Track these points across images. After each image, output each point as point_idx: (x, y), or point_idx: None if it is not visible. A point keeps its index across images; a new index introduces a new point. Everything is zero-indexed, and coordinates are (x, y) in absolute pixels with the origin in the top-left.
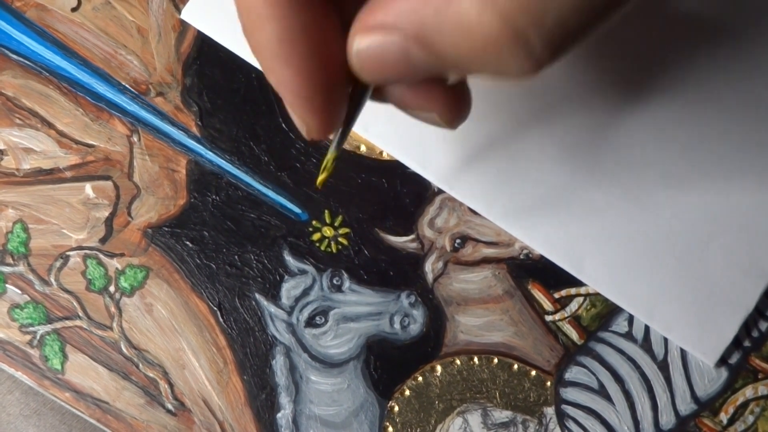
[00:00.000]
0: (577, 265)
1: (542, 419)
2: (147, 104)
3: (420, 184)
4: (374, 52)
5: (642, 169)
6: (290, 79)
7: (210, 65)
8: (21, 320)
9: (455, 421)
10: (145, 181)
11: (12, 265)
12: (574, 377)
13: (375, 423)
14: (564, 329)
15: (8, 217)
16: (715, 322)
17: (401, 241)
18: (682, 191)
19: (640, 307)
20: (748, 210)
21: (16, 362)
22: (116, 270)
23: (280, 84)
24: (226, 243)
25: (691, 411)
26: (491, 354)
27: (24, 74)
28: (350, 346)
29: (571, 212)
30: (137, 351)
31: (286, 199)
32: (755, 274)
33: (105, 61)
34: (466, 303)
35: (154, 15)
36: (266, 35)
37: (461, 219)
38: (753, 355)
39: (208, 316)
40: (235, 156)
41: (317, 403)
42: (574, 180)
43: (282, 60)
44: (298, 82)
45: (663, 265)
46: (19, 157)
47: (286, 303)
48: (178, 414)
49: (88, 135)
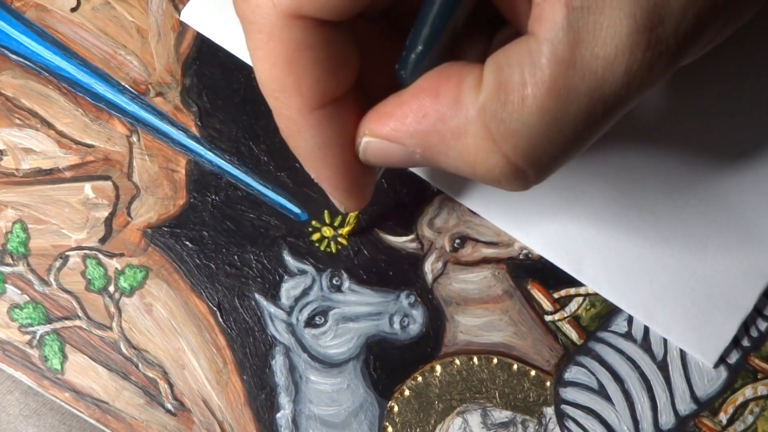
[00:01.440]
0: (577, 266)
1: (542, 419)
2: (146, 104)
3: (419, 184)
4: (380, 151)
5: (641, 169)
6: (328, 176)
7: (209, 65)
8: (20, 320)
9: (455, 421)
10: (145, 181)
11: (11, 265)
12: (573, 377)
13: (374, 423)
14: (563, 329)
15: (8, 217)
16: (714, 322)
17: (401, 241)
18: (680, 192)
19: (640, 307)
20: (746, 210)
21: (16, 362)
22: (116, 270)
23: (320, 179)
24: (226, 243)
25: (691, 411)
26: (491, 354)
27: (23, 74)
28: (350, 346)
29: (570, 213)
30: (137, 351)
31: (285, 199)
32: (754, 275)
33: (104, 62)
34: (465, 303)
35: (154, 15)
36: (304, 141)
37: (461, 219)
38: (752, 355)
39: (208, 316)
40: (235, 156)
41: (317, 403)
42: (573, 181)
43: (320, 162)
44: (335, 178)
45: (662, 265)
46: (19, 157)
47: (286, 303)
48: (178, 414)
49: (88, 135)
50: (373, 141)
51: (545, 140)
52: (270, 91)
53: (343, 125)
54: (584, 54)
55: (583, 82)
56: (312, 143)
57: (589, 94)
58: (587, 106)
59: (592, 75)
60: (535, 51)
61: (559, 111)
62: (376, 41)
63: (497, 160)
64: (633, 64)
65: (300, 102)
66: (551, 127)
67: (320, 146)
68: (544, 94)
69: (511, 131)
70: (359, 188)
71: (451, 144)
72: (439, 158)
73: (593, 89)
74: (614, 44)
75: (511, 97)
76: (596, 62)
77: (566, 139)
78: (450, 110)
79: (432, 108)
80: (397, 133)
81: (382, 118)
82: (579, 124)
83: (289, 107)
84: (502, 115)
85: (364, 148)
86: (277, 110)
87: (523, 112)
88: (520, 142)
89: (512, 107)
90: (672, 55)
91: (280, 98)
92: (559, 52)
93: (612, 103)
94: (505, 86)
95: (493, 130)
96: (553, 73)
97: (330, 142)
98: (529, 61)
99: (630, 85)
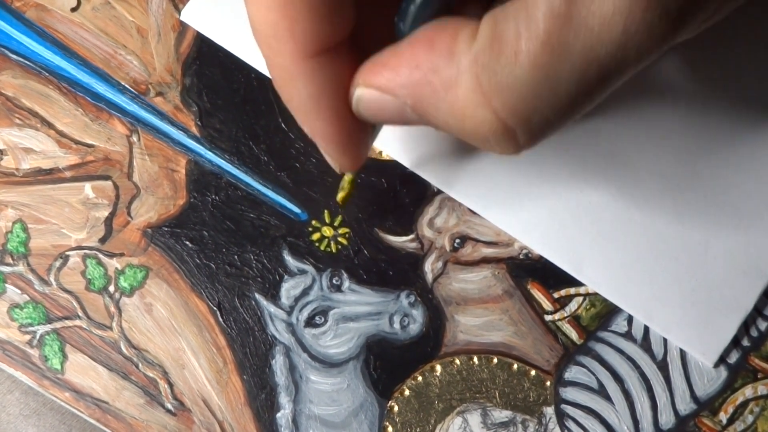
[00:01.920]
0: (576, 266)
1: (542, 419)
2: (146, 104)
3: (419, 183)
4: (373, 103)
5: (640, 169)
6: (322, 128)
7: (209, 65)
8: (20, 320)
9: (455, 421)
10: (145, 180)
11: (11, 264)
12: (573, 377)
13: (374, 423)
14: (563, 329)
15: (8, 216)
16: (714, 322)
17: (401, 240)
18: (680, 191)
19: (639, 307)
20: (746, 210)
21: (16, 362)
22: (116, 270)
23: (313, 133)
24: (226, 243)
25: (691, 411)
26: (491, 354)
27: (24, 74)
28: (350, 345)
29: (570, 213)
30: (137, 351)
31: (285, 199)
32: (754, 274)
33: (104, 61)
34: (465, 303)
35: (154, 15)
36: (297, 92)
37: (461, 219)
38: (752, 355)
39: (208, 316)
40: (235, 156)
41: (317, 402)
42: (573, 181)
43: (313, 113)
44: (329, 131)
45: (662, 265)
46: (19, 157)
47: (286, 303)
48: (178, 414)
49: (88, 135)
50: (366, 92)
51: (536, 98)
52: (263, 37)
53: (338, 76)
54: (581, 10)
55: (578, 39)
56: (305, 93)
57: (584, 53)
58: (581, 66)
59: (587, 32)
60: (532, 5)
61: (552, 68)
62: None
63: (486, 115)
64: (631, 25)
65: (293, 48)
66: (543, 85)
67: (313, 96)
68: (537, 48)
69: (502, 85)
70: (354, 144)
71: (441, 96)
72: (429, 112)
73: (588, 48)
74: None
75: (505, 50)
76: (593, 19)
77: (558, 99)
78: (443, 61)
79: (425, 58)
80: (390, 83)
81: (376, 67)
82: (572, 85)
83: (282, 54)
84: (495, 67)
85: (358, 100)
86: (269, 59)
87: (515, 66)
88: (510, 98)
89: (505, 60)
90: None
91: (272, 45)
92: (556, 6)
93: (606, 66)
94: (499, 39)
95: (484, 83)
96: (548, 27)
97: (324, 93)
98: (525, 15)
99: (626, 46)
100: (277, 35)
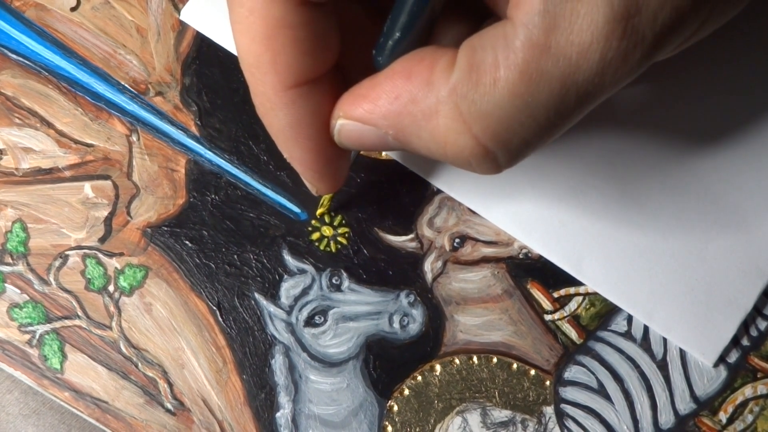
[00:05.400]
0: (576, 266)
1: (541, 418)
2: (146, 104)
3: (419, 183)
4: (354, 133)
5: (640, 169)
6: (300, 156)
7: (209, 65)
8: (20, 320)
9: (454, 421)
10: (145, 180)
11: (11, 264)
12: (573, 376)
13: (374, 422)
14: (563, 328)
15: (7, 216)
16: (714, 321)
17: (400, 240)
18: (680, 191)
19: (639, 307)
20: (746, 210)
21: (15, 362)
22: (115, 269)
23: (291, 159)
24: (226, 242)
25: (691, 410)
26: (490, 353)
27: (23, 74)
28: (349, 345)
29: (570, 213)
30: (136, 350)
31: (285, 199)
32: (754, 274)
33: (104, 61)
34: (465, 302)
35: (153, 14)
36: (277, 120)
37: (460, 218)
38: (752, 355)
39: (208, 316)
40: (235, 155)
41: (316, 402)
42: (573, 181)
43: (292, 141)
44: (307, 158)
45: (662, 265)
46: (19, 157)
47: (286, 302)
48: (178, 413)
49: (88, 134)
50: (347, 123)
51: (516, 123)
52: (247, 66)
53: (318, 106)
54: (559, 40)
55: (556, 67)
56: (285, 122)
57: (562, 80)
58: (559, 92)
59: (565, 61)
60: (510, 34)
61: (531, 95)
62: (360, 23)
63: (467, 141)
64: (608, 53)
65: (274, 79)
66: (522, 111)
67: (293, 125)
68: (516, 76)
69: (482, 112)
70: (331, 171)
71: (422, 125)
72: (411, 140)
73: (566, 75)
74: (590, 31)
75: (483, 79)
76: (571, 48)
77: (537, 123)
78: (422, 91)
79: (404, 89)
80: (370, 115)
81: (356, 99)
82: (550, 109)
83: (263, 84)
84: (474, 96)
85: (339, 131)
86: (252, 86)
87: (495, 94)
88: (490, 124)
89: (484, 89)
90: (648, 46)
91: (255, 74)
92: (534, 36)
93: (585, 91)
94: (477, 67)
95: (464, 111)
96: (527, 56)
97: (303, 123)
98: (504, 44)
99: (604, 73)
100: (261, 66)
